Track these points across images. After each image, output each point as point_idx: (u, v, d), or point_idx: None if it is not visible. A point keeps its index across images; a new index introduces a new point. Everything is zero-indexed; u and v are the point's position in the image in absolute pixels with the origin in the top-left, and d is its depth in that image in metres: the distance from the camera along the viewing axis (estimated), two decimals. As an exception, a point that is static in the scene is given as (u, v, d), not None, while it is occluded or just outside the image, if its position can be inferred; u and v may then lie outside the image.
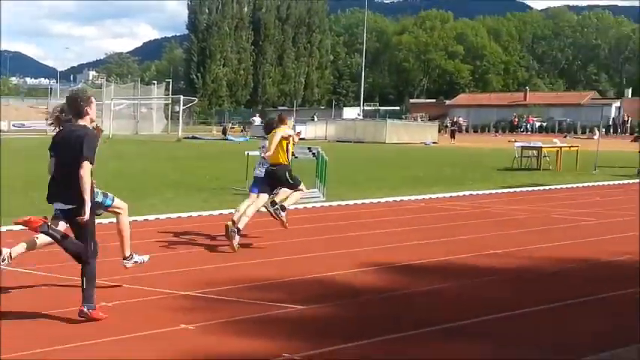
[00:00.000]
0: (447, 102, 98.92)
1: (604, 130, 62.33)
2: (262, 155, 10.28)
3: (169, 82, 76.92)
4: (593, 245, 10.15)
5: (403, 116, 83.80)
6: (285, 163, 10.02)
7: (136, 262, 7.53)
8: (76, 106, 6.42)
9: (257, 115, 77.28)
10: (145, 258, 7.66)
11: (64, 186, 6.25)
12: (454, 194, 16.83)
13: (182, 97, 61.46)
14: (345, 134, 51.83)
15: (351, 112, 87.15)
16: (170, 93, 73.03)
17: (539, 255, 9.36)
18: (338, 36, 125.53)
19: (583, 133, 66.17)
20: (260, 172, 10.29)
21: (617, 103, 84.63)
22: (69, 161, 6.19)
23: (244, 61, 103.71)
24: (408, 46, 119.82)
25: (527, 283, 7.87)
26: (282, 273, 8.10)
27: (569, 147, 27.20)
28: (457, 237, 10.80)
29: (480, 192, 17.44)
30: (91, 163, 6.17)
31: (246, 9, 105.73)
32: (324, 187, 15.50)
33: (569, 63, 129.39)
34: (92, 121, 6.50)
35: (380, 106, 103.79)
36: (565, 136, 56.94)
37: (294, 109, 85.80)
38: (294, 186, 10.06)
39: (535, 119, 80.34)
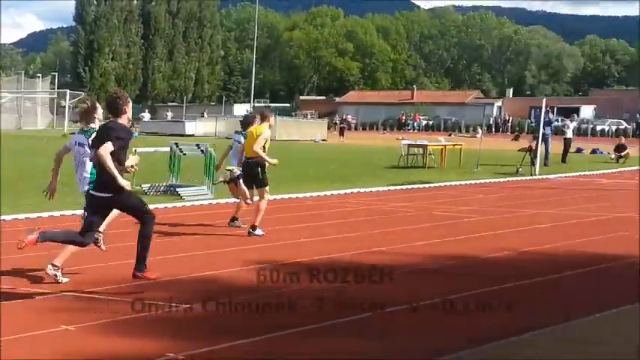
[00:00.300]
0: (337, 99, 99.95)
1: (486, 128, 64.36)
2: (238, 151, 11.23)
3: (55, 75, 74.63)
4: (475, 242, 10.49)
5: (293, 113, 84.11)
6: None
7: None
8: (115, 105, 7.05)
9: (146, 110, 76.05)
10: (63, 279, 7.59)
11: (102, 175, 6.87)
12: (342, 192, 17.05)
13: (68, 92, 59.78)
14: (235, 130, 51.55)
15: (241, 109, 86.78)
16: (56, 87, 70.91)
17: (423, 252, 9.61)
18: (229, 31, 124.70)
19: (467, 131, 68.05)
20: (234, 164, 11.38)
21: (499, 103, 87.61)
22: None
23: (134, 55, 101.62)
24: (298, 42, 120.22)
25: (411, 280, 8.08)
26: (168, 272, 8.03)
27: (453, 145, 27.97)
28: (344, 234, 10.98)
29: (368, 189, 17.72)
30: (124, 147, 6.98)
31: (135, 2, 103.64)
32: (213, 184, 15.42)
33: (455, 62, 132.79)
34: (129, 120, 7.20)
35: (271, 102, 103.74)
36: (450, 135, 58.45)
37: (184, 105, 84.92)
38: (261, 184, 10.66)
39: (422, 117, 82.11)
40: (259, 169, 10.56)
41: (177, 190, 15.22)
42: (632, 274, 8.47)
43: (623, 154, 29.77)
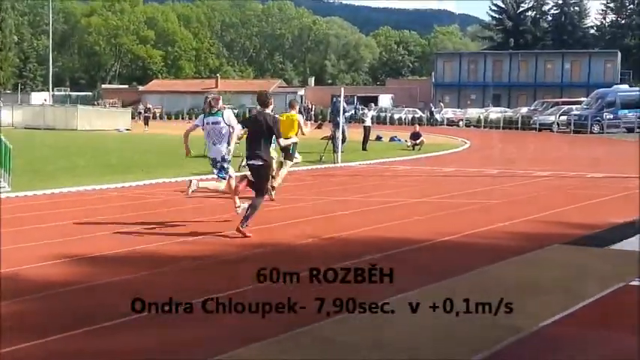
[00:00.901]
0: (141, 88, 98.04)
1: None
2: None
3: None
4: (280, 230, 10.71)
5: (95, 102, 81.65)
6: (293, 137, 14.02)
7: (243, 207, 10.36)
8: (264, 99, 10.44)
9: None
10: (245, 205, 10.31)
11: (255, 150, 10.06)
12: (147, 182, 16.83)
13: None
14: (34, 121, 49.46)
15: (40, 97, 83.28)
16: None
17: (229, 242, 9.67)
18: (22, 16, 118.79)
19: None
20: None
21: (302, 92, 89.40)
22: (259, 134, 10.09)
23: None
24: (97, 29, 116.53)
25: (217, 269, 8.15)
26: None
27: (258, 134, 28.22)
28: (150, 225, 10.87)
29: (173, 179, 17.59)
30: (278, 136, 10.31)
31: None
32: (9, 176, 14.74)
33: (257, 51, 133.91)
34: (272, 110, 10.55)
35: (71, 91, 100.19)
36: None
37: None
38: (290, 157, 14.57)
39: (227, 106, 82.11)
40: (292, 145, 13.94)
41: (-29, 183, 14.41)
42: (428, 256, 9.00)
43: (418, 141, 31.23)
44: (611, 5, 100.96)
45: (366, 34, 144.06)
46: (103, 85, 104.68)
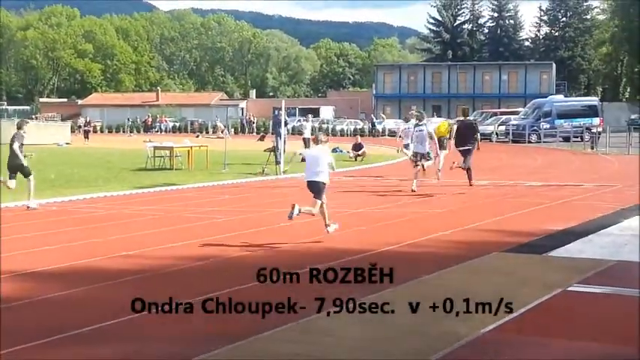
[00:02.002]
0: (80, 102, 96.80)
1: (233, 129, 65.24)
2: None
3: None
4: (223, 242, 10.66)
5: (33, 116, 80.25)
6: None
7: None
8: (466, 112, 19.04)
9: None
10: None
11: (465, 141, 17.99)
12: (88, 196, 16.63)
13: None
14: (-33, 135, 48.30)
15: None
16: None
17: (172, 254, 9.60)
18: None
19: (214, 132, 68.55)
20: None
21: (244, 104, 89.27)
22: (464, 135, 18.01)
23: None
24: (34, 42, 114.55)
25: (156, 282, 8.08)
26: None
27: (199, 147, 28.12)
28: (91, 240, 10.74)
29: (115, 193, 17.42)
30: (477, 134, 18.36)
31: None
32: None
33: (198, 64, 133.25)
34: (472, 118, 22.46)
35: (8, 105, 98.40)
36: (197, 136, 58.53)
37: None
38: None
39: (168, 119, 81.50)
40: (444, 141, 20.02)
41: None
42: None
43: (360, 152, 31.40)
44: (545, 18, 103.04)
45: (307, 47, 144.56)
46: (41, 99, 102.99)
